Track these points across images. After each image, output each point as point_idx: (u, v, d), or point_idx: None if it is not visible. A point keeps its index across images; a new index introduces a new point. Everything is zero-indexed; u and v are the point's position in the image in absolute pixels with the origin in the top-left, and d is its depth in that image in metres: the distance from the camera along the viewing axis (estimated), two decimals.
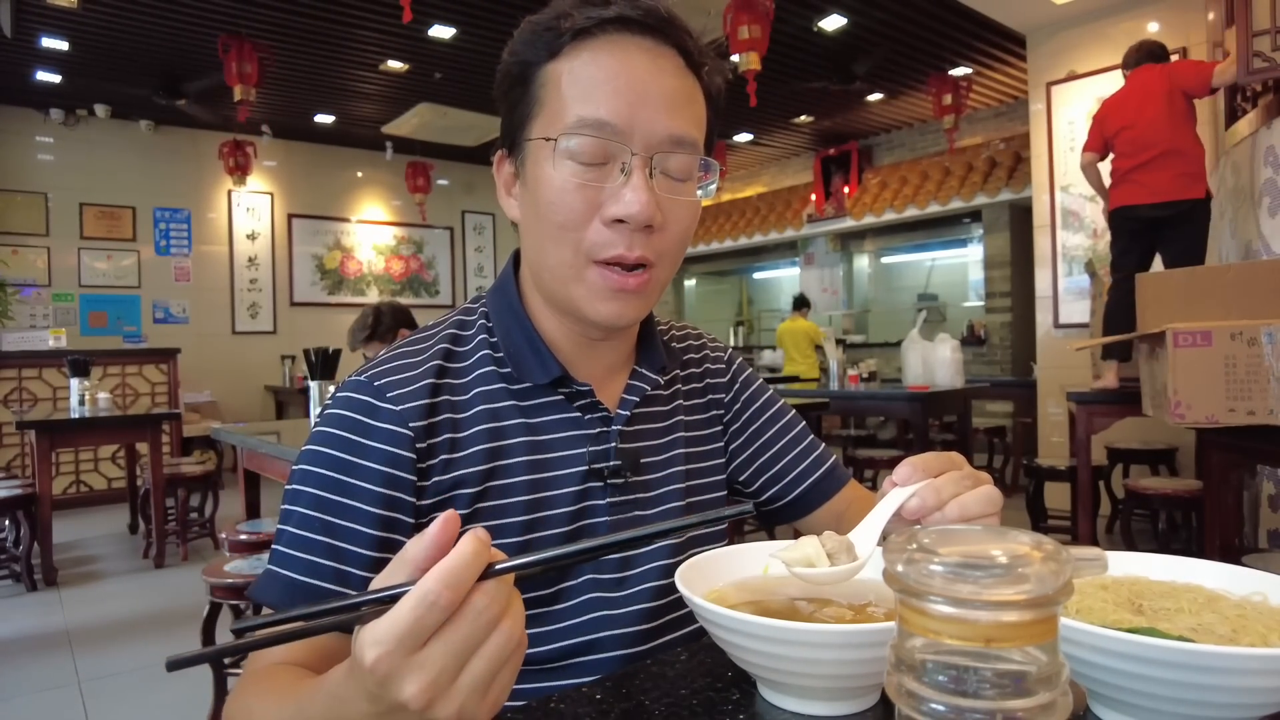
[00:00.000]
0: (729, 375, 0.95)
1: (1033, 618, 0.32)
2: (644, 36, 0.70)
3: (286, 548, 0.67)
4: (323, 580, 0.65)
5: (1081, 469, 3.67)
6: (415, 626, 0.40)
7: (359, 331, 3.44)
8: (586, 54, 0.69)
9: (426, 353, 0.75)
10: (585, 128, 0.68)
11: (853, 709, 0.55)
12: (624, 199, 0.68)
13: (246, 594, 0.66)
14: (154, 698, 2.72)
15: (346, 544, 0.66)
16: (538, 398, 0.77)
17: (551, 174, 0.69)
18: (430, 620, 0.40)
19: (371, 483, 0.68)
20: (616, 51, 0.69)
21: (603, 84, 0.68)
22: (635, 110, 0.68)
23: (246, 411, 7.93)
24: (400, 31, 5.50)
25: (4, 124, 6.90)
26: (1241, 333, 1.92)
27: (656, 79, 0.70)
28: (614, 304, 0.72)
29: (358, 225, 8.83)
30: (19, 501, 3.91)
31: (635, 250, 0.69)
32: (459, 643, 0.41)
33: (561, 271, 0.72)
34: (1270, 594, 0.57)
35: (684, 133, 0.70)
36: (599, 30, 0.69)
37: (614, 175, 0.69)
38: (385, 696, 0.41)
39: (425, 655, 0.40)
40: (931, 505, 0.60)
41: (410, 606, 0.40)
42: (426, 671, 0.40)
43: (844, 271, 9.36)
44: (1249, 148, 3.36)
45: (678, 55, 0.72)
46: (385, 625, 0.40)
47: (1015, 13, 5.15)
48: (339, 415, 0.70)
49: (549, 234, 0.71)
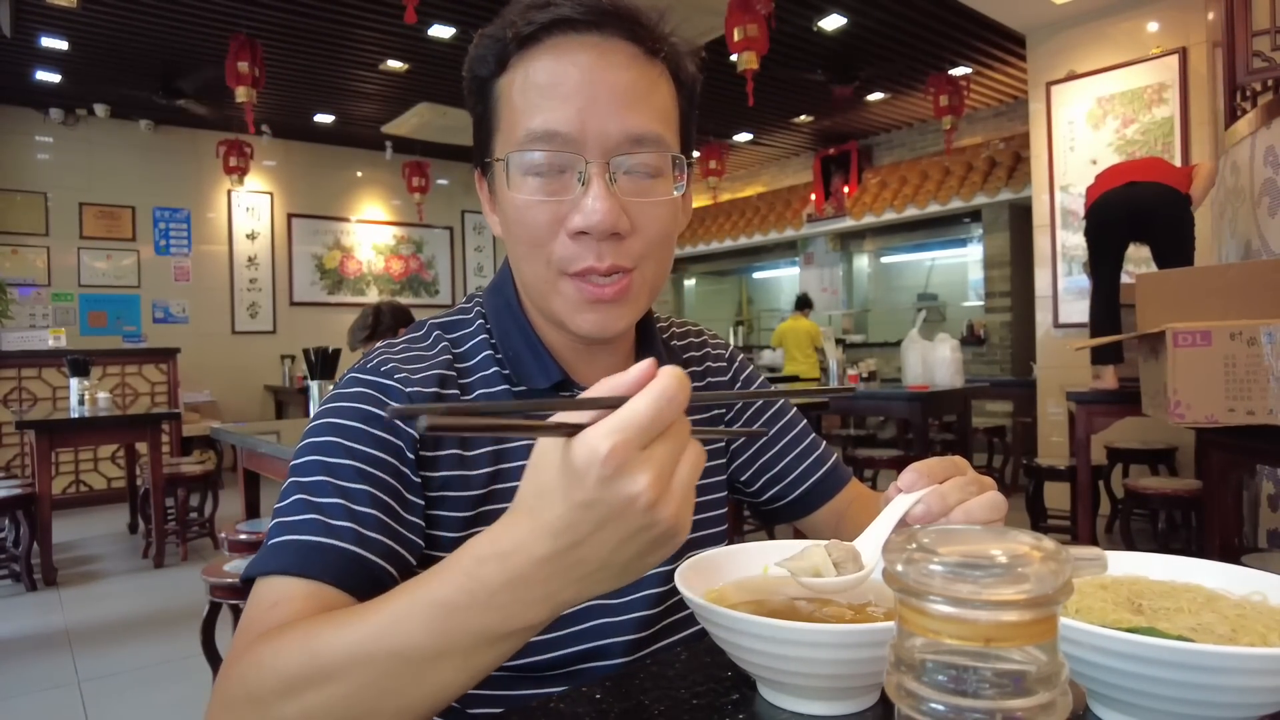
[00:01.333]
0: (730, 374, 0.94)
1: (1032, 617, 0.32)
2: (588, 33, 0.66)
3: (295, 515, 0.62)
4: (342, 541, 0.60)
5: (1081, 469, 3.67)
6: (655, 419, 0.40)
7: (359, 331, 3.44)
8: (531, 62, 0.67)
9: (432, 349, 0.75)
10: (534, 142, 0.65)
11: (852, 709, 0.55)
12: (584, 210, 0.65)
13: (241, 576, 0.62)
14: (154, 697, 2.72)
15: (363, 506, 0.63)
16: (540, 400, 0.75)
17: (512, 193, 0.67)
18: (667, 415, 0.40)
19: (386, 453, 0.66)
20: (561, 54, 0.66)
21: (548, 92, 0.65)
22: (585, 114, 0.65)
23: (246, 411, 7.92)
24: (400, 31, 5.50)
25: (3, 123, 6.90)
26: (1241, 332, 1.92)
27: (604, 76, 0.66)
28: (593, 315, 0.70)
29: (357, 225, 8.83)
30: (19, 501, 3.90)
31: (605, 260, 0.67)
32: (677, 445, 0.42)
33: (539, 286, 0.70)
34: (1270, 593, 0.57)
35: (643, 129, 0.67)
36: (542, 35, 0.66)
37: (573, 185, 0.66)
38: (611, 494, 0.40)
39: (654, 450, 0.41)
40: (937, 511, 0.60)
41: (651, 399, 0.40)
42: (656, 464, 0.41)
43: (844, 271, 9.36)
44: (1248, 148, 3.36)
45: (631, 45, 0.68)
46: (623, 416, 0.40)
47: (1015, 12, 5.15)
48: (355, 393, 0.68)
49: (521, 252, 0.70)
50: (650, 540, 0.43)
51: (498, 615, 0.44)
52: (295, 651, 0.49)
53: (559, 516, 0.41)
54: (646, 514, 0.41)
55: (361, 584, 0.59)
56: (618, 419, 0.40)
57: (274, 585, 0.58)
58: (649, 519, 0.41)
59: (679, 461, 0.42)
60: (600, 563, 0.43)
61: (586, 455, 0.40)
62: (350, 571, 0.59)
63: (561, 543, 0.42)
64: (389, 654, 0.46)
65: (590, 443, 0.40)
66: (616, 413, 0.40)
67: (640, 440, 0.40)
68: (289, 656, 0.49)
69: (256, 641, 0.52)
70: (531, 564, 0.43)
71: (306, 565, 0.58)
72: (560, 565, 0.43)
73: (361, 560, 0.60)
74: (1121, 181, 3.38)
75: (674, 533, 0.43)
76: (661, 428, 0.41)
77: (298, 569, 0.58)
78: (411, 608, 0.46)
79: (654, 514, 0.41)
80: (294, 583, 0.58)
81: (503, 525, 0.44)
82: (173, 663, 3.00)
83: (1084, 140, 5.10)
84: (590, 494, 0.40)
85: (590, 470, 0.40)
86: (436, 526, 0.69)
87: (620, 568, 0.44)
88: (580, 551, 0.42)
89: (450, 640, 0.45)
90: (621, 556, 0.43)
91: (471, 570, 0.44)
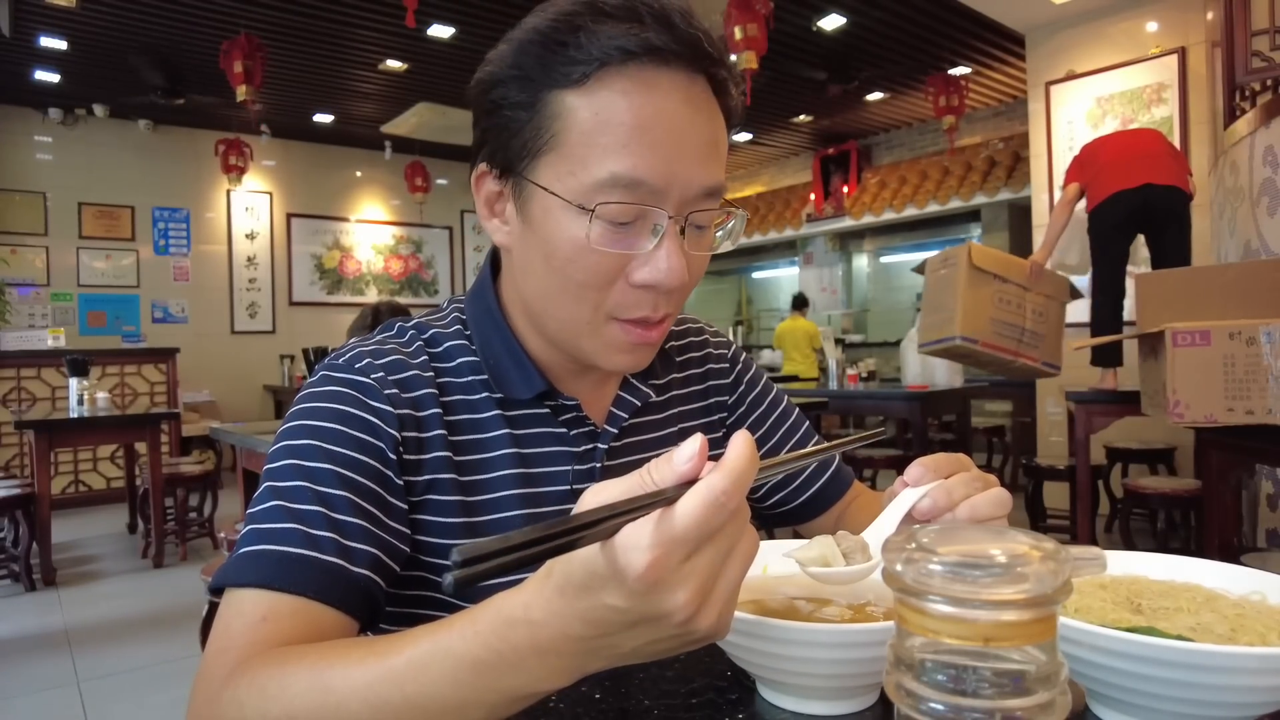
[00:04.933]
0: (733, 375, 0.91)
1: (1031, 617, 0.32)
2: (677, 69, 0.61)
3: (273, 523, 0.58)
4: (324, 553, 0.58)
5: (1080, 468, 3.67)
6: (700, 529, 0.37)
7: (358, 331, 3.43)
8: (616, 92, 0.60)
9: (408, 348, 0.71)
10: (618, 188, 0.60)
11: (852, 708, 0.55)
12: (656, 265, 0.62)
13: (210, 584, 0.60)
14: (153, 697, 2.72)
15: (344, 514, 0.60)
16: (523, 409, 0.73)
17: (573, 231, 0.62)
18: (715, 523, 0.38)
19: (366, 454, 0.63)
20: (651, 92, 0.60)
21: (638, 134, 0.60)
22: (673, 166, 0.61)
23: (245, 411, 7.92)
24: (400, 31, 5.50)
25: (2, 123, 6.89)
26: (1240, 332, 1.92)
27: (693, 125, 0.62)
28: (633, 356, 0.68)
29: (357, 225, 8.83)
30: (18, 501, 3.90)
31: (660, 310, 0.65)
32: (724, 547, 0.39)
33: (575, 326, 0.66)
34: (1269, 593, 0.57)
35: (716, 183, 0.64)
36: (629, 61, 0.60)
37: (644, 236, 0.62)
38: (646, 607, 0.38)
39: (697, 561, 0.38)
40: (943, 506, 0.60)
41: (699, 507, 0.37)
42: (697, 578, 0.38)
43: (843, 271, 9.36)
44: (1247, 147, 3.35)
45: (708, 86, 0.64)
46: (664, 528, 0.37)
47: (1014, 12, 5.16)
48: (330, 391, 0.66)
49: (564, 288, 0.64)
50: (684, 643, 0.42)
51: (525, 678, 0.43)
52: (304, 686, 0.47)
53: (592, 609, 0.40)
54: (681, 627, 0.39)
55: (346, 596, 0.58)
56: (660, 531, 0.37)
57: (256, 599, 0.56)
58: (684, 630, 0.40)
59: (724, 565, 0.40)
60: (632, 651, 0.42)
61: (622, 565, 0.37)
62: (333, 585, 0.58)
63: (592, 631, 0.41)
64: (406, 701, 0.45)
65: (627, 553, 0.37)
66: (661, 519, 0.37)
67: (682, 553, 0.38)
68: (297, 689, 0.47)
69: (255, 664, 0.51)
70: (562, 639, 0.41)
71: (289, 579, 0.56)
72: (590, 647, 0.42)
73: (344, 572, 0.58)
74: (1137, 181, 3.32)
75: (710, 638, 0.42)
76: (708, 536, 0.38)
77: (280, 583, 0.56)
78: (433, 658, 0.44)
79: (689, 626, 0.40)
80: (278, 599, 0.56)
81: (534, 592, 0.42)
82: (172, 663, 3.00)
83: (1083, 140, 5.04)
84: (624, 602, 0.39)
85: (624, 581, 0.38)
86: (421, 530, 0.67)
87: (653, 655, 0.43)
88: (611, 640, 0.41)
89: (475, 696, 0.44)
90: (655, 649, 0.42)
91: (500, 631, 0.43)
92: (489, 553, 0.34)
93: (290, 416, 0.66)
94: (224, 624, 0.56)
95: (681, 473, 0.39)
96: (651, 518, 0.37)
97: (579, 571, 0.39)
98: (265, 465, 0.64)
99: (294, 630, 0.55)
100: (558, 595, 0.41)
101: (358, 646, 0.49)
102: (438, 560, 0.68)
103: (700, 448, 0.39)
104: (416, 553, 0.67)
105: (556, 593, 0.41)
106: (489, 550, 0.34)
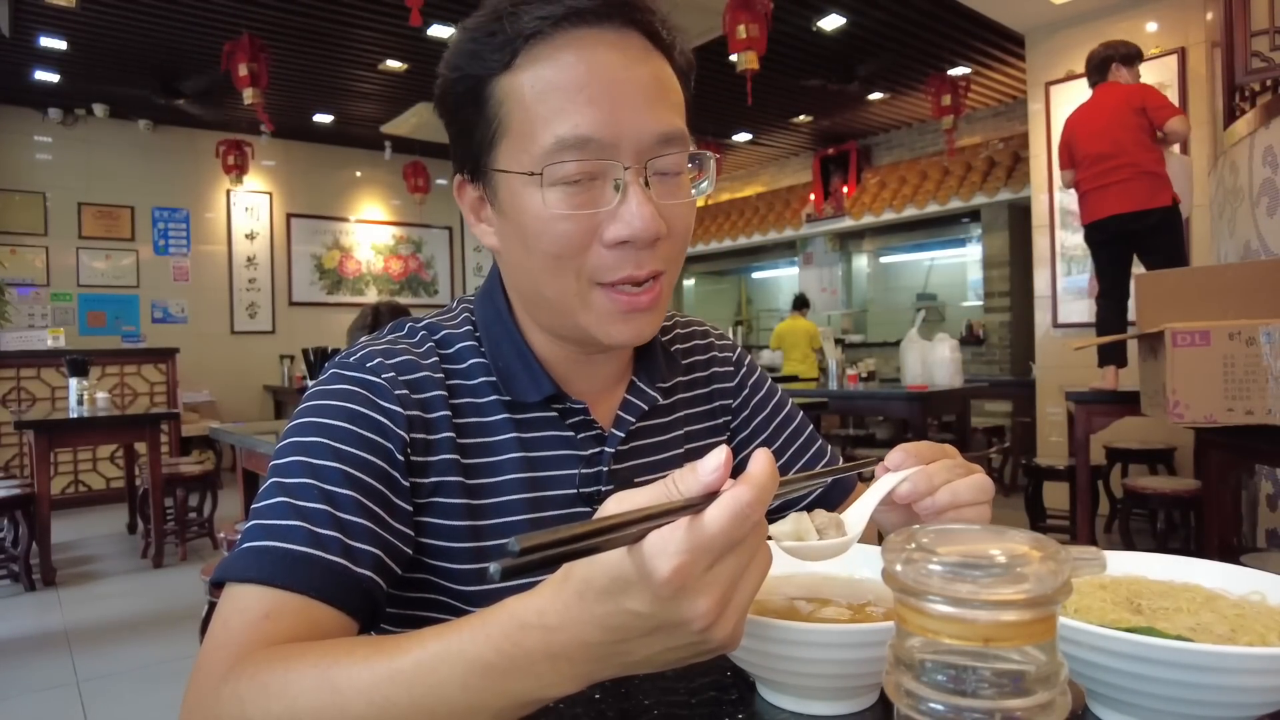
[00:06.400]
0: (737, 379, 0.90)
1: (1031, 617, 0.32)
2: (603, 27, 0.62)
3: (278, 519, 0.58)
4: (329, 552, 0.58)
5: (1080, 469, 3.67)
6: (725, 538, 0.38)
7: (358, 331, 3.43)
8: (545, 59, 0.61)
9: (419, 349, 0.71)
10: (567, 150, 0.61)
11: (852, 708, 0.55)
12: (625, 219, 0.62)
13: (212, 578, 0.59)
14: (153, 697, 2.72)
15: (350, 514, 0.60)
16: (531, 413, 0.73)
17: (536, 204, 0.63)
18: (738, 534, 0.39)
19: (374, 455, 0.63)
20: (580, 50, 0.61)
21: (574, 93, 0.61)
22: (616, 116, 0.61)
23: (245, 411, 7.92)
24: (399, 31, 5.50)
25: (2, 123, 6.89)
26: (1240, 332, 1.92)
27: (630, 75, 0.62)
28: (629, 325, 0.67)
29: (356, 225, 8.83)
30: (17, 501, 3.90)
31: (645, 267, 0.64)
32: (744, 559, 0.40)
33: (565, 301, 0.66)
34: (1268, 593, 0.57)
35: (670, 128, 0.63)
36: (553, 29, 0.61)
37: (607, 193, 0.62)
38: (667, 613, 0.39)
39: (720, 569, 0.39)
40: (923, 490, 0.60)
41: (724, 517, 0.38)
42: (719, 586, 0.39)
43: (843, 271, 9.36)
44: (1247, 148, 3.35)
45: (643, 37, 0.64)
46: (691, 535, 0.38)
47: (1014, 12, 5.16)
48: (340, 390, 0.65)
49: (543, 265, 0.65)
50: (698, 652, 0.43)
51: (535, 683, 0.43)
52: (309, 684, 0.47)
53: (610, 614, 0.40)
54: (700, 634, 0.40)
55: (348, 597, 0.58)
56: (687, 538, 0.38)
57: (259, 595, 0.55)
58: (701, 638, 0.41)
59: (743, 576, 0.41)
60: (645, 659, 0.43)
61: (647, 571, 0.38)
62: (336, 585, 0.57)
63: (609, 637, 0.41)
64: (413, 703, 0.45)
65: (653, 559, 0.38)
66: (687, 528, 0.38)
67: (707, 561, 0.39)
68: (301, 687, 0.47)
69: (257, 661, 0.50)
70: (576, 645, 0.42)
71: (293, 577, 0.56)
72: (604, 653, 0.42)
73: (347, 572, 0.58)
74: (1107, 213, 3.39)
75: (723, 648, 0.42)
76: (731, 546, 0.39)
77: (284, 580, 0.56)
78: (442, 660, 0.44)
79: (707, 634, 0.40)
80: (281, 596, 0.55)
81: (550, 596, 0.42)
82: (172, 663, 2.99)
83: None
84: (646, 607, 0.39)
85: (648, 586, 0.38)
86: (426, 533, 0.67)
87: (664, 664, 0.44)
88: (626, 647, 0.42)
89: (483, 699, 0.44)
90: (667, 658, 0.43)
91: (513, 635, 0.43)
92: (543, 544, 0.35)
93: (299, 414, 0.65)
94: (224, 619, 0.56)
95: (707, 483, 0.40)
96: (681, 523, 0.38)
97: (601, 576, 0.40)
98: (272, 461, 0.63)
99: (295, 629, 0.54)
100: (576, 600, 0.41)
101: (363, 646, 0.48)
102: (441, 562, 0.68)
103: (725, 459, 0.40)
104: (420, 554, 0.67)
105: (575, 597, 0.41)
106: (544, 542, 0.35)
